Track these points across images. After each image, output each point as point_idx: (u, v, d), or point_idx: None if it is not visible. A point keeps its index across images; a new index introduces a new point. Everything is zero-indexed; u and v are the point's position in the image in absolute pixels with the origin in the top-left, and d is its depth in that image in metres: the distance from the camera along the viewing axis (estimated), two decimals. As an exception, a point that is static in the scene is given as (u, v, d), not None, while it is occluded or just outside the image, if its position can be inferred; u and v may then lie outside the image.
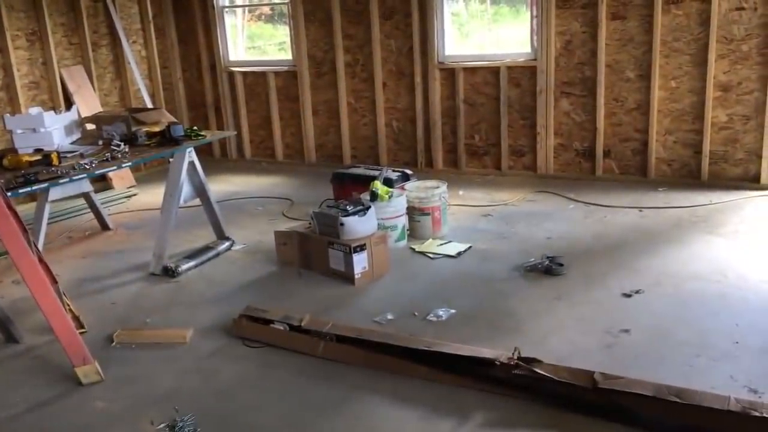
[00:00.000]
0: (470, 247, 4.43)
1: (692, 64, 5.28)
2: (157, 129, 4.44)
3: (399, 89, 6.40)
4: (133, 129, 4.44)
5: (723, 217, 4.71)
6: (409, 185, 4.80)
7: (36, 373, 3.23)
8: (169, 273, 4.26)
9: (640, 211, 4.98)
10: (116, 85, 6.81)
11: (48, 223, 4.76)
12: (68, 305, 3.55)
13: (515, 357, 2.78)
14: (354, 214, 4.05)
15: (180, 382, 3.07)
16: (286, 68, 6.86)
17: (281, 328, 3.32)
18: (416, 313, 3.55)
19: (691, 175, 5.48)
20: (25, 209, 5.17)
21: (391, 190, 4.57)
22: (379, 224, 4.22)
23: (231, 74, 7.11)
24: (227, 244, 4.66)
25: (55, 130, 4.36)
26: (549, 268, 3.94)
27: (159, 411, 2.81)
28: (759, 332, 3.16)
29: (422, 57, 6.17)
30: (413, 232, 4.64)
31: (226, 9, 7.18)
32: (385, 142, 6.58)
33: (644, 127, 5.55)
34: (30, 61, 6.00)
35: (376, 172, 4.92)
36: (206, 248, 4.60)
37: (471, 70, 6.08)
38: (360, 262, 3.95)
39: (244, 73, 7.07)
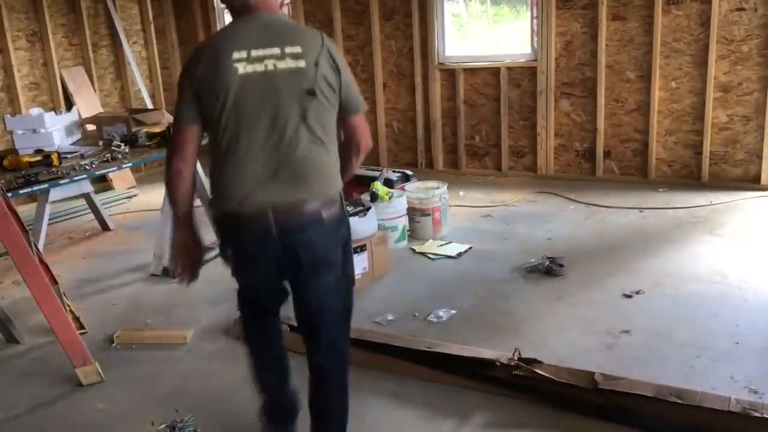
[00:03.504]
0: (470, 247, 4.43)
1: (692, 64, 5.28)
2: (157, 130, 4.44)
3: (399, 90, 6.40)
4: (134, 130, 4.44)
5: (723, 218, 4.71)
6: (409, 186, 4.80)
7: (36, 373, 3.23)
8: (169, 274, 4.25)
9: (641, 211, 4.98)
10: (117, 86, 6.81)
11: (48, 224, 4.76)
12: (69, 306, 3.56)
13: (515, 358, 2.78)
14: (354, 214, 4.05)
15: (180, 382, 3.07)
16: (286, 69, 6.85)
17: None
18: (416, 314, 3.55)
19: (691, 175, 5.48)
20: (26, 210, 5.18)
21: (391, 190, 4.57)
22: (379, 225, 4.22)
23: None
24: (227, 244, 4.65)
25: (55, 131, 4.36)
26: (549, 269, 3.94)
27: (159, 411, 2.81)
28: (759, 333, 3.16)
29: (422, 58, 6.17)
30: (413, 233, 4.64)
31: (227, 10, 7.18)
32: (386, 143, 6.58)
33: (644, 128, 5.55)
34: (30, 61, 6.00)
35: (377, 173, 4.92)
36: (206, 249, 4.59)
37: (471, 71, 6.08)
38: (360, 263, 3.94)
39: (245, 74, 7.06)
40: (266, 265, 2.15)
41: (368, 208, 4.15)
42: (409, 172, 5.05)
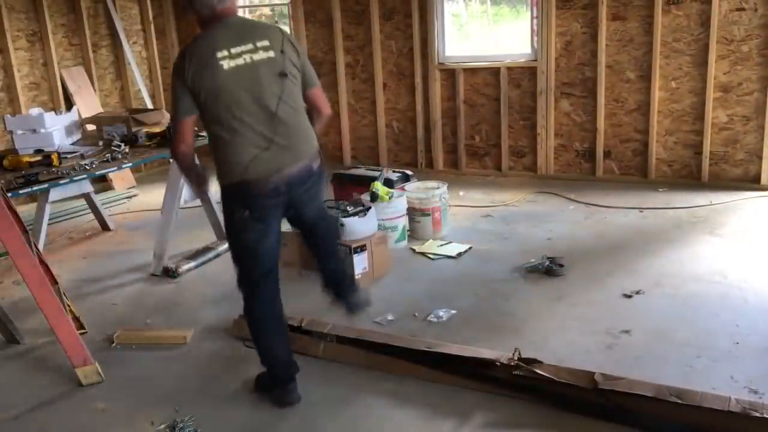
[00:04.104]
0: (470, 247, 4.43)
1: (692, 64, 5.28)
2: (157, 130, 4.44)
3: (399, 90, 6.40)
4: (134, 130, 4.44)
5: (723, 218, 4.71)
6: (409, 186, 4.80)
7: (36, 373, 3.23)
8: (169, 274, 4.26)
9: (641, 211, 4.98)
10: (117, 86, 6.81)
11: (48, 224, 4.75)
12: (69, 306, 3.55)
13: (515, 358, 2.78)
14: (354, 214, 4.05)
15: (180, 382, 3.07)
16: (286, 69, 6.84)
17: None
18: (416, 314, 3.55)
19: (691, 175, 5.48)
20: (26, 210, 5.18)
21: (391, 190, 4.57)
22: (379, 225, 4.22)
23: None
24: (227, 244, 4.65)
25: (55, 131, 4.36)
26: (549, 269, 3.94)
27: (159, 411, 2.81)
28: (759, 333, 3.16)
29: (422, 58, 6.17)
30: (413, 233, 4.64)
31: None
32: (386, 143, 6.58)
33: (644, 128, 5.55)
34: (30, 61, 6.00)
35: (377, 173, 4.92)
36: (206, 249, 4.60)
37: (471, 71, 6.08)
38: (360, 263, 3.95)
39: (245, 74, 7.05)
40: (276, 215, 2.65)
41: (368, 208, 4.15)
42: (409, 172, 5.05)
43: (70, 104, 6.07)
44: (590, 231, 4.67)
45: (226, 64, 2.46)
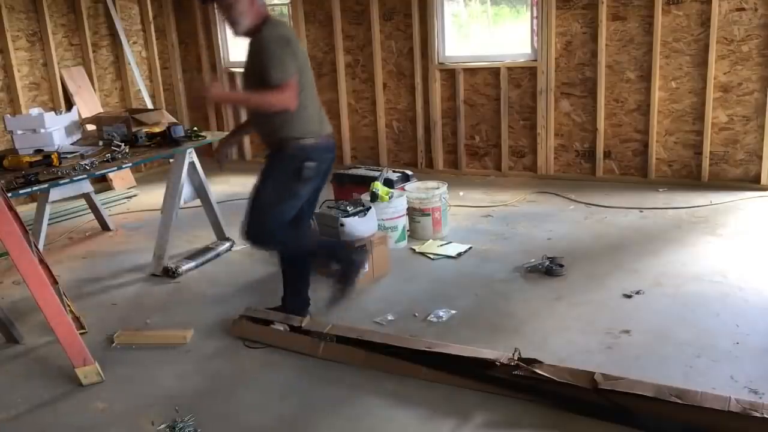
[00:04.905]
0: (470, 247, 4.43)
1: (692, 64, 5.28)
2: (157, 130, 4.44)
3: (399, 90, 6.40)
4: (134, 130, 4.44)
5: (723, 218, 4.71)
6: (409, 186, 4.80)
7: (36, 373, 3.23)
8: (169, 274, 4.26)
9: (641, 211, 4.98)
10: (117, 86, 6.81)
11: (48, 224, 4.75)
12: (69, 306, 3.55)
13: (515, 358, 2.78)
14: (354, 214, 4.05)
15: (180, 382, 3.07)
16: (286, 69, 6.84)
17: (281, 328, 3.32)
18: (416, 314, 3.55)
19: (691, 175, 5.48)
20: (26, 210, 5.18)
21: (391, 190, 4.56)
22: (379, 225, 4.22)
23: (231, 75, 7.12)
24: (227, 244, 4.66)
25: (55, 131, 4.36)
26: (549, 269, 3.94)
27: (159, 411, 2.81)
28: (759, 333, 3.16)
29: (422, 58, 6.17)
30: (413, 233, 4.64)
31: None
32: (386, 143, 6.58)
33: (645, 128, 5.55)
34: (30, 61, 6.00)
35: (377, 173, 4.92)
36: (206, 249, 4.60)
37: (471, 71, 6.08)
38: (360, 263, 3.94)
39: (245, 74, 7.05)
40: (323, 173, 3.28)
41: (368, 208, 4.15)
42: (409, 172, 5.04)
43: (70, 104, 6.07)
44: (590, 231, 4.67)
45: (302, 50, 3.16)
